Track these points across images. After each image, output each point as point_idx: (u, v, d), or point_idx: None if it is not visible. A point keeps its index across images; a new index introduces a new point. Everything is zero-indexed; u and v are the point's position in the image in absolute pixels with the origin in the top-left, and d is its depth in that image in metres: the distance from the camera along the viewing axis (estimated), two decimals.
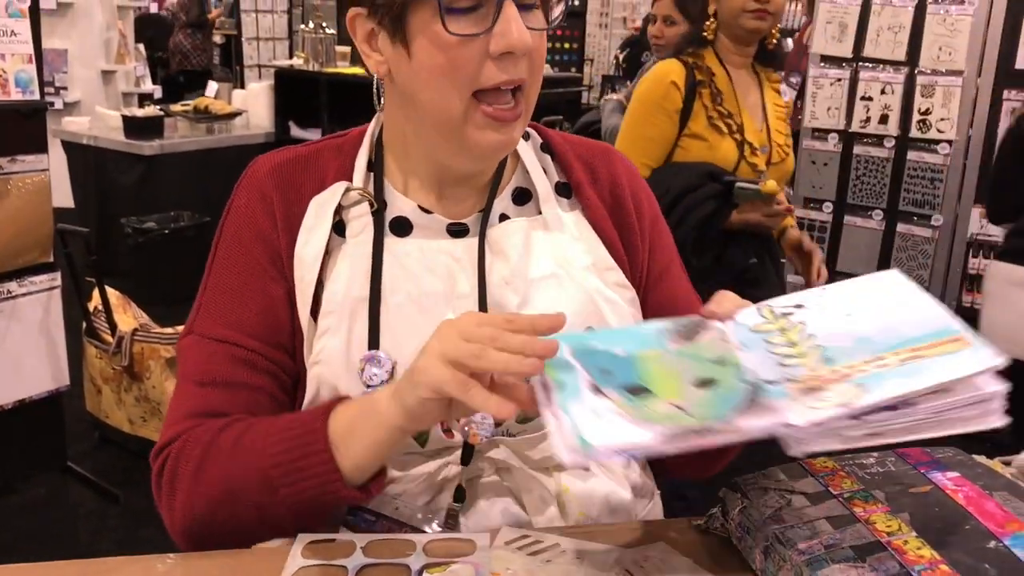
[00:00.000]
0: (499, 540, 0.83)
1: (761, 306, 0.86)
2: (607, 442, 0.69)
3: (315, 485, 0.84)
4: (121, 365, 2.97)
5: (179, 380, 0.97)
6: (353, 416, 0.85)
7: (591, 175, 1.05)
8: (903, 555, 0.68)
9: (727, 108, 2.21)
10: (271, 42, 9.44)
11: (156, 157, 4.79)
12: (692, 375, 0.77)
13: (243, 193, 1.00)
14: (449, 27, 0.84)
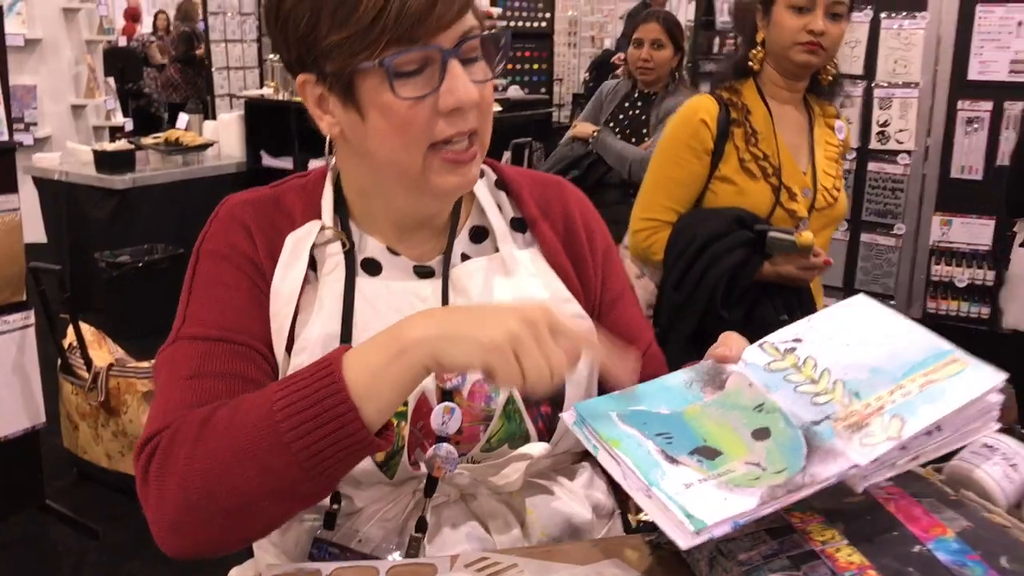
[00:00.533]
0: (459, 563, 0.87)
1: (763, 343, 0.90)
2: (716, 517, 0.71)
3: (332, 429, 0.81)
4: (97, 400, 2.98)
5: (162, 384, 0.96)
6: (372, 352, 0.84)
7: (544, 208, 1.10)
8: (835, 562, 0.73)
9: (763, 149, 2.03)
10: (241, 71, 9.45)
11: (129, 191, 4.80)
12: (745, 427, 0.80)
13: (220, 221, 1.04)
14: (398, 92, 0.88)
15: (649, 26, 3.34)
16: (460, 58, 0.90)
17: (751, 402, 0.83)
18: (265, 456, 0.81)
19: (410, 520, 0.97)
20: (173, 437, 0.87)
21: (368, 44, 0.86)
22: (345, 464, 0.83)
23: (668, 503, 0.73)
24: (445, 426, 0.95)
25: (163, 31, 11.94)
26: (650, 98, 3.41)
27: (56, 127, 6.44)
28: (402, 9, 0.85)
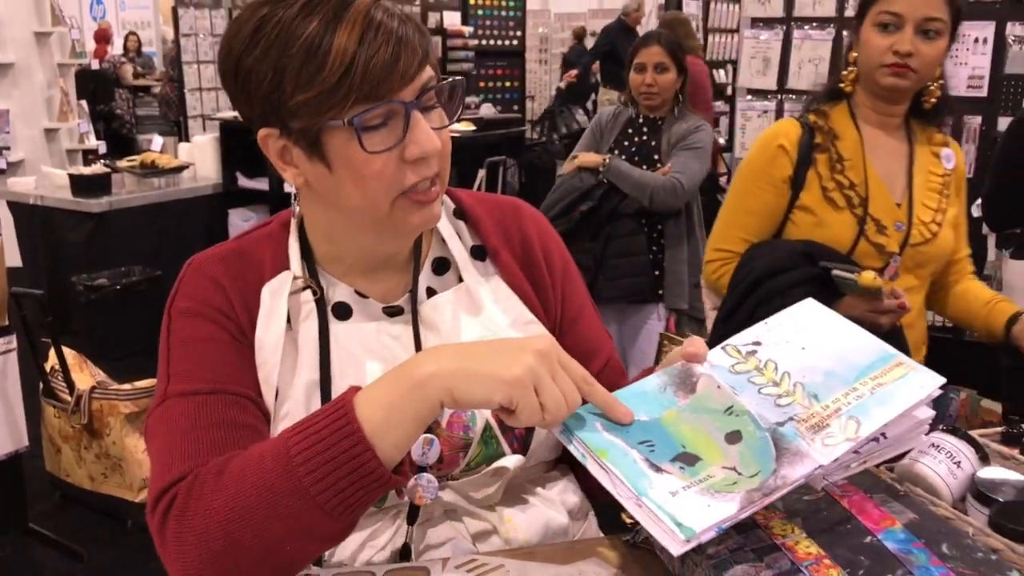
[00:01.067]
0: (449, 565, 0.93)
1: (725, 346, 0.96)
2: (703, 524, 0.77)
3: (349, 470, 0.83)
4: (81, 423, 3.00)
5: (161, 440, 0.97)
6: (386, 391, 0.86)
7: (503, 234, 1.15)
8: (794, 553, 0.80)
9: (849, 177, 1.86)
10: (213, 92, 9.49)
11: (105, 214, 4.82)
12: (718, 431, 0.86)
13: (189, 280, 1.06)
14: (366, 145, 0.92)
15: (651, 49, 3.18)
16: (422, 108, 0.95)
17: (721, 405, 0.89)
18: (286, 502, 0.83)
19: (396, 544, 1.02)
20: (189, 490, 0.88)
21: (335, 103, 0.90)
22: (366, 502, 0.85)
23: (658, 512, 0.78)
24: (425, 456, 0.99)
25: (134, 52, 11.95)
26: (656, 123, 3.24)
27: (29, 151, 6.44)
28: (367, 68, 0.89)
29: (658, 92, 3.16)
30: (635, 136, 3.26)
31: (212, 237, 5.40)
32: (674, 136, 3.17)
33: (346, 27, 0.89)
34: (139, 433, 3.02)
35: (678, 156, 3.13)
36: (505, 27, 8.90)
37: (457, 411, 1.03)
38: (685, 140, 3.14)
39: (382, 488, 0.85)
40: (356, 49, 0.89)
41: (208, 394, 0.98)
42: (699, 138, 3.16)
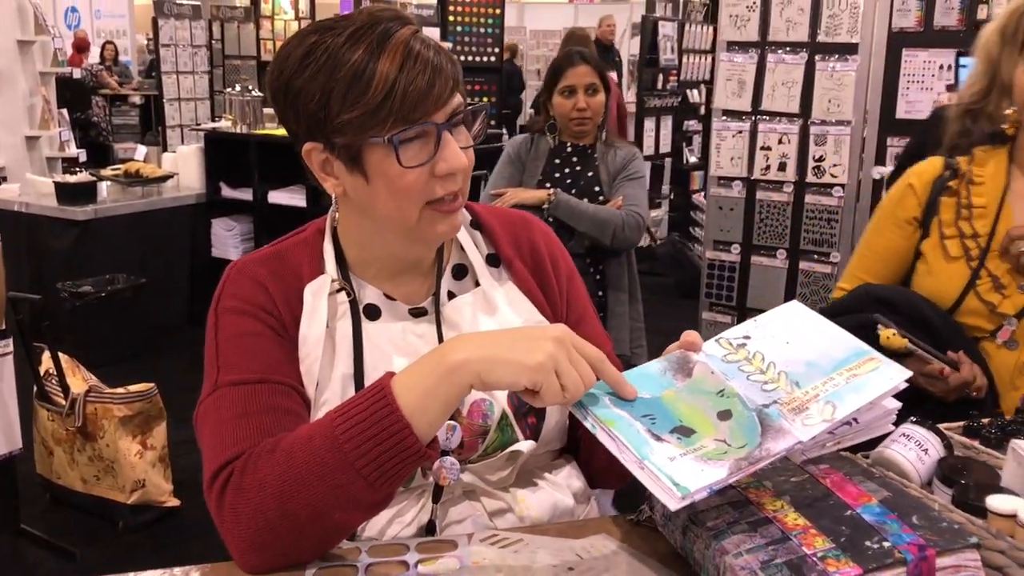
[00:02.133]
0: (475, 539, 1.03)
1: (719, 339, 1.08)
2: (697, 484, 0.88)
3: (389, 444, 0.93)
4: (75, 426, 3.06)
5: (212, 427, 1.06)
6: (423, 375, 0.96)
7: (514, 243, 1.27)
8: (784, 524, 0.91)
9: (974, 226, 1.69)
10: (192, 102, 9.54)
11: (90, 222, 4.88)
12: (711, 409, 0.98)
13: (232, 282, 1.17)
14: (403, 161, 1.04)
15: (579, 69, 2.90)
16: (451, 129, 1.07)
17: (714, 388, 1.01)
18: (333, 474, 0.94)
19: (422, 520, 1.13)
20: (244, 467, 0.98)
21: (377, 122, 1.02)
22: (403, 474, 0.96)
23: (658, 473, 0.90)
24: (448, 441, 1.10)
25: (111, 61, 11.96)
26: (586, 152, 2.98)
27: (11, 159, 6.46)
28: (406, 93, 1.01)
29: (591, 116, 2.90)
30: (564, 167, 2.97)
31: (196, 246, 5.46)
32: (612, 165, 2.95)
33: (388, 55, 1.01)
34: (132, 436, 3.09)
35: (624, 187, 2.90)
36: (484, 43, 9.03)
37: (478, 400, 1.13)
38: (627, 169, 2.93)
39: (419, 461, 0.96)
40: (397, 75, 1.01)
41: (256, 383, 1.08)
42: (639, 167, 2.96)
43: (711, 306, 4.32)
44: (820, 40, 3.91)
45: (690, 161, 7.68)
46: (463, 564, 0.97)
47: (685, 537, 0.97)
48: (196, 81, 9.57)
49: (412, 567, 0.97)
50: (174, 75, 9.41)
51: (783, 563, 0.85)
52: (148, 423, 3.13)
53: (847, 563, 0.84)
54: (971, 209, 1.69)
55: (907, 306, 1.66)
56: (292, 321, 1.14)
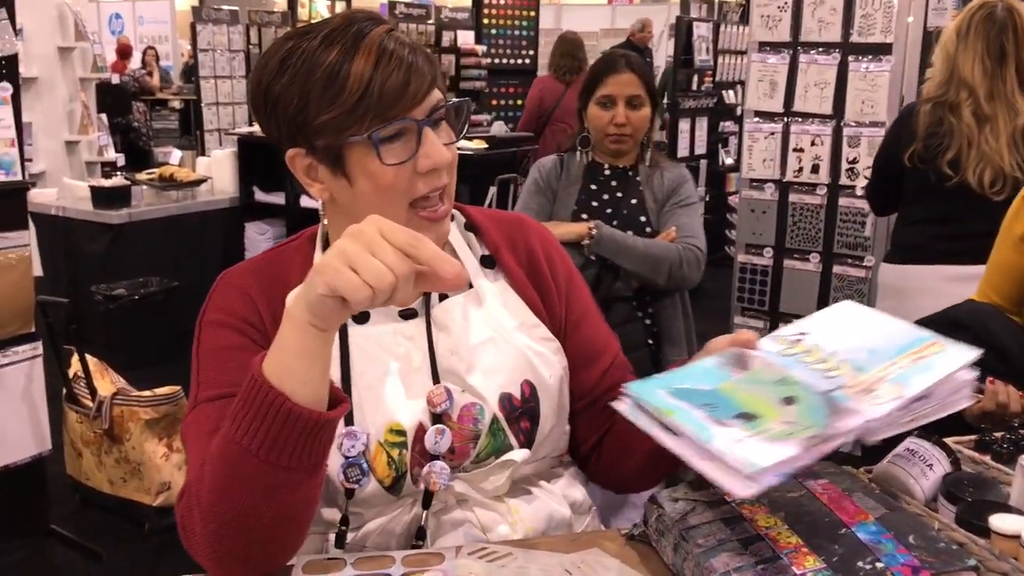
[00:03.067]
0: (463, 552, 1.01)
1: (774, 336, 1.06)
2: (768, 461, 0.83)
3: (271, 418, 0.89)
4: (102, 428, 3.10)
5: (191, 444, 1.04)
6: (277, 339, 0.92)
7: (510, 245, 1.25)
8: (776, 543, 0.88)
9: None
10: (230, 107, 9.63)
11: (124, 225, 4.94)
12: (774, 396, 0.94)
13: (219, 293, 1.17)
14: (384, 158, 1.03)
15: (622, 77, 2.43)
16: (432, 125, 1.06)
17: (774, 376, 0.97)
18: (240, 469, 0.91)
19: (413, 528, 1.11)
20: (190, 490, 0.98)
21: (354, 121, 1.02)
22: (308, 445, 0.91)
23: (724, 454, 0.84)
24: (437, 445, 1.09)
25: (152, 66, 12.14)
26: (627, 174, 2.52)
27: (50, 163, 6.58)
28: (382, 90, 1.01)
29: (631, 134, 2.43)
30: (603, 193, 2.50)
31: (229, 249, 5.51)
32: (660, 190, 2.48)
33: (362, 55, 1.01)
34: (158, 439, 3.11)
35: (676, 216, 2.44)
36: (518, 46, 9.03)
37: (467, 404, 1.12)
38: (677, 194, 2.47)
39: (312, 426, 0.90)
40: (372, 74, 1.01)
41: (231, 397, 1.05)
42: (691, 191, 2.51)
43: (743, 311, 4.26)
44: (853, 40, 3.84)
45: (726, 163, 7.59)
46: None
47: (676, 554, 0.94)
48: (234, 85, 9.66)
49: None
50: (212, 79, 9.50)
51: None
52: (174, 426, 3.15)
53: None
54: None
55: (978, 328, 1.62)
56: (276, 330, 1.12)
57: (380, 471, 1.09)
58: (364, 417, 1.08)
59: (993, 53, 2.60)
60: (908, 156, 2.79)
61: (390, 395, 1.11)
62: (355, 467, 1.06)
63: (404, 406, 1.11)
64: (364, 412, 1.09)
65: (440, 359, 1.14)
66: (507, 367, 1.09)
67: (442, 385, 1.12)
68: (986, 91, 2.60)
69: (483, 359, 1.14)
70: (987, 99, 2.61)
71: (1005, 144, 2.61)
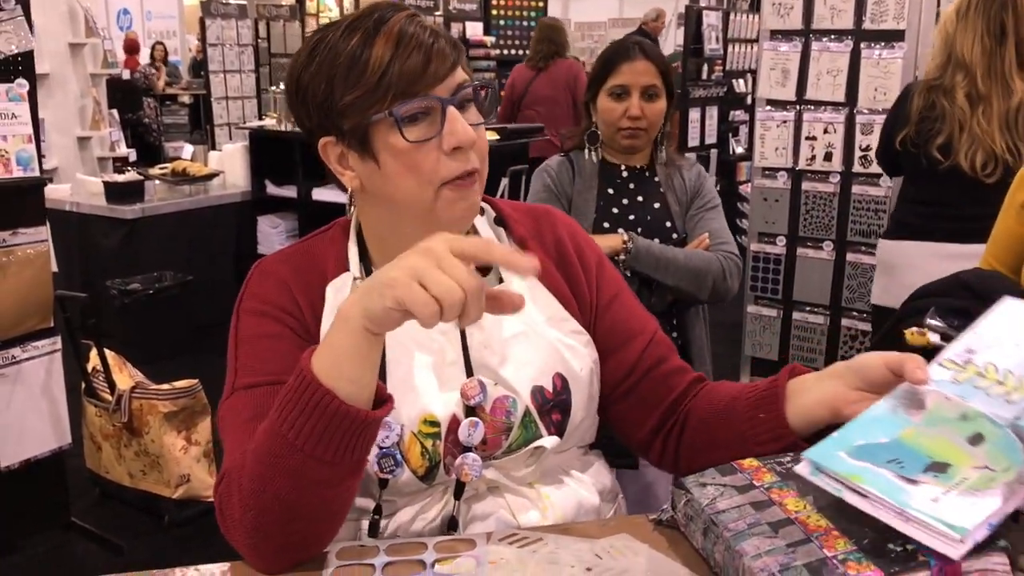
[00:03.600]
0: (494, 538, 1.02)
1: (940, 361, 0.98)
2: (973, 521, 0.79)
3: (318, 414, 0.90)
4: (121, 422, 3.12)
5: (228, 430, 1.07)
6: (329, 337, 0.93)
7: (538, 238, 1.25)
8: (806, 527, 0.89)
9: None
10: (240, 101, 9.66)
11: (138, 220, 4.96)
12: (959, 436, 0.89)
13: (255, 281, 1.18)
14: (407, 135, 1.04)
15: (637, 65, 2.19)
16: (457, 104, 1.07)
17: (955, 413, 0.92)
18: (284, 462, 0.93)
19: (445, 517, 1.12)
20: (230, 476, 0.99)
21: (377, 99, 1.04)
22: (353, 442, 0.92)
23: (927, 520, 0.80)
24: (471, 437, 1.10)
25: (160, 61, 12.17)
26: (644, 175, 2.28)
27: (63, 159, 6.61)
28: (403, 68, 1.03)
29: (646, 128, 2.20)
30: (621, 197, 2.25)
31: (241, 243, 5.53)
32: (682, 192, 2.26)
33: (382, 39, 1.04)
34: (177, 432, 3.14)
35: (706, 221, 2.22)
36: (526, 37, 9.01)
37: (500, 397, 1.13)
38: (700, 195, 2.26)
39: (358, 424, 0.92)
40: (392, 56, 1.03)
41: (269, 385, 1.07)
42: (712, 190, 2.30)
43: (756, 300, 4.26)
44: (866, 27, 3.83)
45: (736, 152, 7.58)
46: (480, 563, 0.96)
47: (706, 538, 0.95)
48: (243, 80, 9.68)
49: (429, 567, 0.96)
50: (221, 74, 9.52)
51: (803, 565, 0.83)
52: (192, 419, 3.17)
53: (868, 566, 0.81)
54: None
55: (984, 292, 1.59)
56: (315, 320, 1.14)
57: (414, 461, 1.10)
58: (398, 409, 1.09)
59: (993, 31, 2.62)
60: (900, 140, 2.83)
61: (424, 387, 1.12)
62: (389, 457, 1.07)
63: (438, 398, 1.12)
64: (399, 404, 1.09)
65: (473, 352, 1.15)
66: (539, 360, 1.10)
67: (475, 378, 1.12)
68: (983, 69, 2.62)
69: (515, 352, 1.15)
70: (983, 78, 2.63)
71: (997, 126, 2.63)
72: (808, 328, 4.14)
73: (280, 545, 0.97)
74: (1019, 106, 2.62)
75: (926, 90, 2.77)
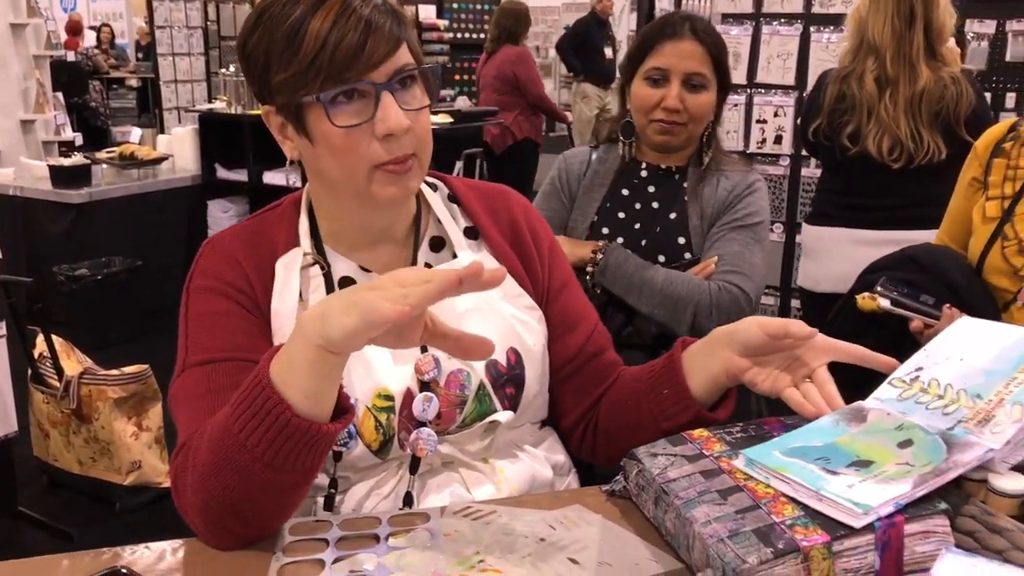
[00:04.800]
0: (448, 511, 1.03)
1: (891, 380, 1.05)
2: (879, 500, 0.83)
3: (270, 421, 0.89)
4: (69, 408, 3.07)
5: (181, 406, 1.07)
6: (289, 348, 0.91)
7: (492, 215, 1.26)
8: (755, 493, 0.90)
9: (1016, 187, 1.68)
10: (189, 84, 9.50)
11: (85, 205, 4.87)
12: (891, 442, 0.94)
13: (205, 259, 1.16)
14: (336, 121, 1.03)
15: (683, 46, 1.81)
16: (394, 90, 1.05)
17: (892, 425, 0.97)
18: (235, 458, 0.92)
19: (401, 492, 1.12)
20: (186, 453, 0.99)
21: (308, 81, 1.03)
22: (304, 452, 0.91)
23: (836, 499, 0.85)
24: (425, 412, 1.11)
25: (107, 44, 11.92)
26: (671, 177, 1.89)
27: (5, 143, 6.43)
28: (335, 52, 1.00)
29: (686, 123, 1.82)
30: (635, 200, 1.90)
31: (191, 227, 5.45)
32: (711, 203, 1.83)
33: (323, 12, 1.01)
34: (127, 418, 3.09)
35: (725, 241, 1.79)
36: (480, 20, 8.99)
37: (455, 371, 1.13)
38: (733, 210, 1.81)
39: (308, 437, 0.90)
40: (329, 32, 1.00)
41: (221, 361, 1.07)
42: (755, 206, 1.82)
43: None
44: (815, 11, 3.88)
45: None
46: (435, 536, 0.97)
47: (657, 507, 0.96)
48: (192, 63, 9.51)
49: (383, 540, 0.96)
50: (170, 57, 9.35)
51: (751, 531, 0.84)
52: (143, 404, 3.13)
53: (815, 530, 0.83)
54: (1016, 171, 1.69)
55: (931, 265, 1.67)
56: (265, 297, 1.13)
57: (368, 435, 1.10)
58: (352, 383, 1.09)
59: (903, 13, 2.68)
60: (813, 131, 2.90)
61: (377, 361, 1.11)
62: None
63: (392, 372, 1.12)
64: (353, 378, 1.09)
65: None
66: (493, 335, 1.10)
67: (430, 353, 1.12)
68: (892, 52, 2.69)
69: (469, 327, 1.14)
70: (892, 61, 2.70)
71: (903, 111, 2.70)
72: (759, 310, 4.19)
73: (229, 527, 0.97)
74: (923, 92, 2.68)
75: (839, 79, 2.82)
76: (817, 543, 0.82)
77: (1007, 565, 0.82)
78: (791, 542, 0.82)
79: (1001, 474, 0.91)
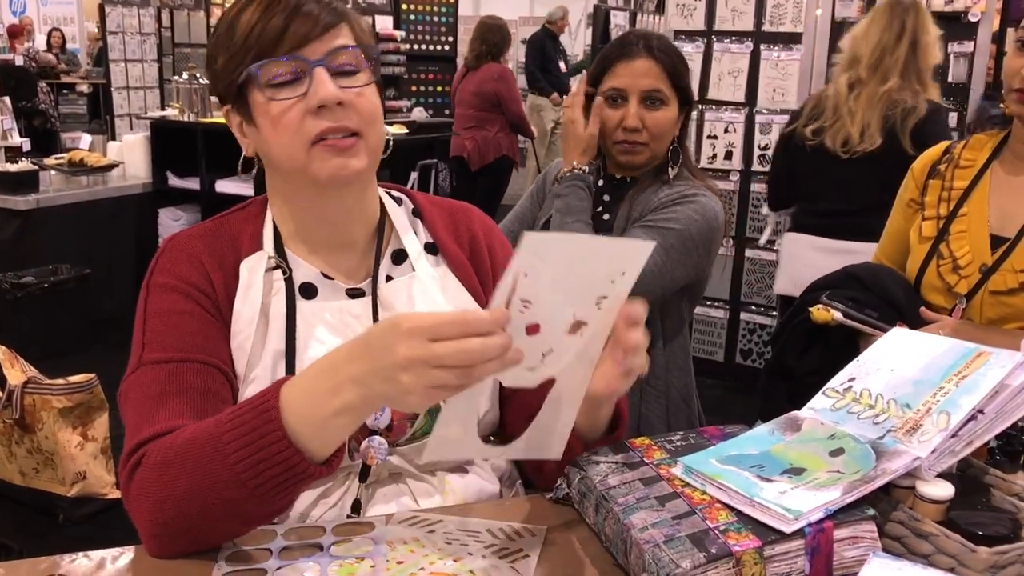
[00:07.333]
0: (393, 520, 1.03)
1: (825, 390, 1.09)
2: (809, 506, 0.87)
3: (281, 472, 0.92)
4: (12, 418, 3.01)
5: (132, 405, 1.06)
6: (314, 376, 0.93)
7: (453, 231, 1.28)
8: (691, 500, 0.93)
9: (953, 208, 1.72)
10: (142, 91, 9.38)
11: (32, 212, 4.79)
12: (823, 451, 0.98)
13: (167, 257, 1.16)
14: (269, 94, 1.08)
15: (638, 65, 1.82)
16: (333, 69, 1.08)
17: (824, 434, 1.01)
18: (224, 490, 0.93)
19: (348, 501, 1.13)
20: (152, 454, 0.98)
21: (242, 59, 1.09)
22: (299, 490, 0.97)
23: (769, 505, 0.89)
24: (377, 421, 1.11)
25: (58, 49, 11.74)
26: (623, 185, 1.90)
27: None
28: (263, 31, 1.07)
29: (647, 141, 1.82)
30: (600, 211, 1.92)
31: (142, 236, 5.38)
32: (641, 206, 1.83)
33: (255, 5, 1.09)
34: (72, 428, 3.04)
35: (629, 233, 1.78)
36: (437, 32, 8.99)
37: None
38: (655, 212, 1.79)
39: (312, 479, 0.95)
40: (258, 20, 1.08)
41: (179, 363, 1.07)
42: (681, 214, 1.77)
43: None
44: (765, 29, 3.96)
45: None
46: (378, 544, 0.97)
47: (597, 513, 0.98)
48: (145, 69, 9.41)
49: (325, 549, 0.97)
50: (123, 63, 9.24)
51: (686, 536, 0.86)
52: (89, 414, 3.08)
53: (747, 535, 0.86)
54: (950, 192, 1.74)
55: (872, 282, 1.72)
56: (227, 298, 1.14)
57: None
58: None
59: (894, 28, 2.88)
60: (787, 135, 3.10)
61: None
62: None
63: None
64: None
65: None
66: None
67: None
68: (872, 62, 2.88)
69: None
70: (868, 68, 2.89)
71: (863, 105, 2.89)
72: (709, 322, 4.26)
73: (185, 542, 0.97)
74: (885, 93, 2.87)
75: (820, 91, 3.02)
76: (749, 548, 0.84)
77: (932, 569, 0.85)
78: (724, 547, 0.84)
79: (928, 481, 0.94)
